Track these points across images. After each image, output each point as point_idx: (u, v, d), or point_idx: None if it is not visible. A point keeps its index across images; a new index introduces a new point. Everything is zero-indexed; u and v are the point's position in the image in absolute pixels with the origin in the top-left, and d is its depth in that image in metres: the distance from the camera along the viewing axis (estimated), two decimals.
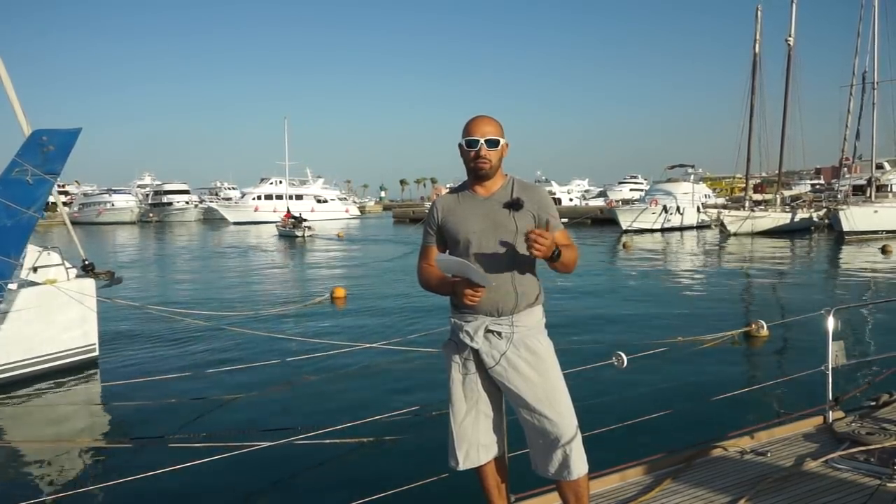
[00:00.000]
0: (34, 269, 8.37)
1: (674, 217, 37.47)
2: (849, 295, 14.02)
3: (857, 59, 32.26)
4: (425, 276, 2.67)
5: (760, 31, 35.68)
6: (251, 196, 66.48)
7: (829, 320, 3.98)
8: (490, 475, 2.74)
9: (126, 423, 6.67)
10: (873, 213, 29.65)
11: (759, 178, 42.37)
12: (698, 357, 8.06)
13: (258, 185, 68.16)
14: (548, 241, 2.34)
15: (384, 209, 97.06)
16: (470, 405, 2.62)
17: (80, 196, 76.22)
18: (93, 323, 8.74)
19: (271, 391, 7.41)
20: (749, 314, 11.83)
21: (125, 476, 3.97)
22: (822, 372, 3.99)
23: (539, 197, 2.61)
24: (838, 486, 3.11)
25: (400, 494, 3.45)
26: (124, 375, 8.15)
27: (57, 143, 7.81)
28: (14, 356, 7.94)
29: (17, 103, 8.09)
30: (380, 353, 8.51)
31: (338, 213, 68.18)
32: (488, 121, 2.59)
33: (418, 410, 5.98)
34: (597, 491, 3.13)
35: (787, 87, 34.97)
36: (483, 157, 2.53)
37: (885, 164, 35.93)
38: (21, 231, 7.65)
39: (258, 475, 5.11)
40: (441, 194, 2.82)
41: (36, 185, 7.68)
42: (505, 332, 2.52)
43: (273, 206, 62.60)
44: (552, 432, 2.51)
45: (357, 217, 72.66)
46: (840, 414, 4.05)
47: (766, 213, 33.98)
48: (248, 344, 9.63)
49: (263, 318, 11.87)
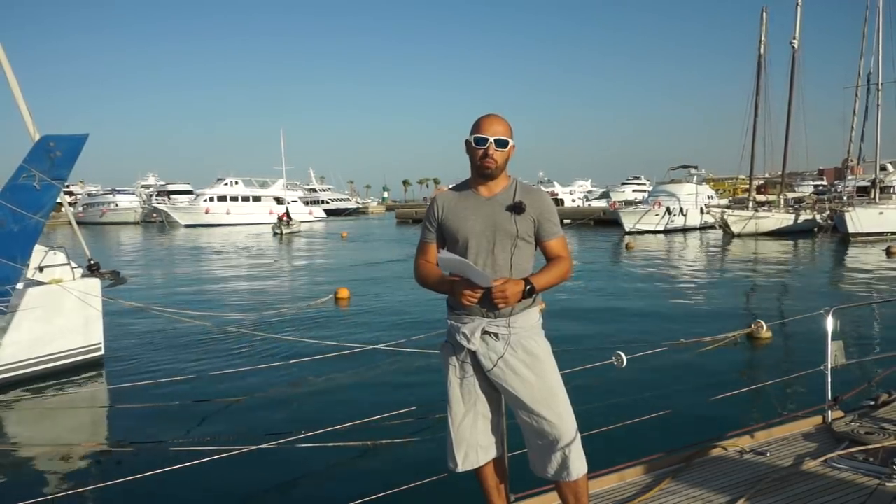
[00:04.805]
0: (40, 268, 8.41)
1: (677, 218, 37.33)
2: (852, 296, 13.98)
3: (861, 61, 32.19)
4: (423, 273, 2.66)
5: (766, 32, 35.60)
6: (203, 197, 60.61)
7: (828, 320, 4.00)
8: (489, 476, 2.74)
9: (129, 424, 6.70)
10: (878, 215, 29.56)
11: (762, 180, 42.22)
12: (698, 357, 8.06)
13: (213, 184, 62.55)
14: (508, 293, 2.38)
15: (387, 210, 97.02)
16: (468, 407, 2.63)
17: (85, 196, 76.39)
18: (98, 323, 8.78)
19: (274, 393, 7.43)
20: (751, 315, 11.81)
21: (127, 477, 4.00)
22: (822, 372, 4.00)
23: (541, 202, 2.60)
24: (837, 486, 3.12)
25: (400, 494, 3.47)
26: (128, 376, 8.19)
27: (64, 148, 7.84)
28: (20, 356, 7.99)
29: (24, 108, 8.14)
30: (383, 355, 8.51)
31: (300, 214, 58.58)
32: (499, 120, 2.56)
33: (420, 411, 6.01)
34: (596, 491, 3.14)
35: (791, 89, 34.87)
36: (490, 157, 2.51)
37: (889, 166, 35.82)
38: (28, 236, 7.68)
39: (260, 476, 5.13)
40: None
41: (43, 191, 7.71)
42: (502, 334, 2.52)
43: (226, 209, 58.80)
44: (551, 433, 2.51)
45: (322, 219, 66.99)
46: (839, 414, 4.06)
47: (770, 214, 33.86)
48: (251, 345, 9.66)
49: (267, 319, 11.89)
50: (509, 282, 2.40)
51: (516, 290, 2.39)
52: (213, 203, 59.72)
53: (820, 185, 62.01)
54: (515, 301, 2.42)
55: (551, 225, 2.59)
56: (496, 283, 2.37)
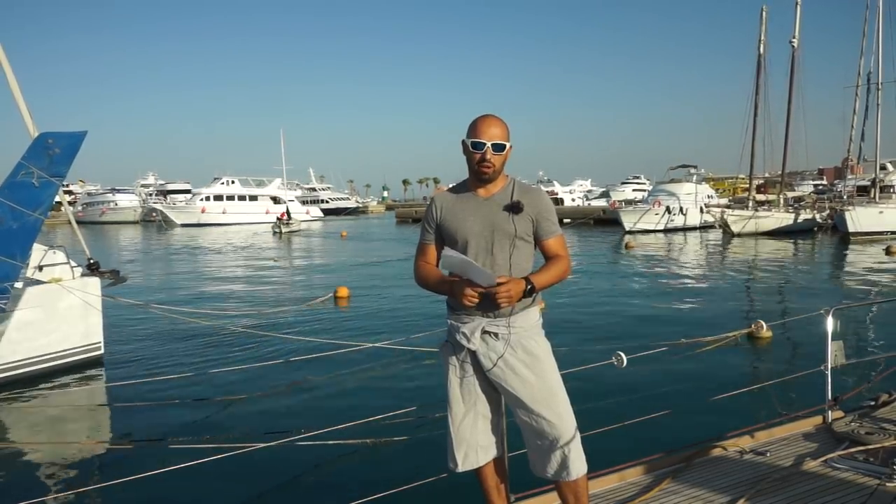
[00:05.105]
0: (39, 267, 8.41)
1: (677, 218, 37.33)
2: (852, 295, 13.98)
3: (861, 60, 32.21)
4: (423, 274, 2.66)
5: (765, 32, 35.59)
6: (200, 197, 60.66)
7: (828, 320, 3.99)
8: (489, 476, 2.74)
9: (129, 423, 6.69)
10: (878, 214, 29.57)
11: (762, 179, 42.23)
12: (698, 357, 8.06)
13: (210, 184, 62.63)
14: (511, 292, 2.36)
15: (387, 209, 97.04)
16: (468, 407, 2.62)
17: (84, 195, 76.39)
18: (97, 321, 8.78)
19: (274, 391, 7.43)
20: (751, 315, 11.80)
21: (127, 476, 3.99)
22: (822, 372, 4.00)
23: (539, 201, 2.59)
24: (838, 486, 3.11)
25: (400, 494, 3.46)
26: (128, 375, 8.18)
27: (63, 145, 7.84)
28: (19, 354, 7.99)
29: (23, 106, 8.13)
30: (382, 353, 8.51)
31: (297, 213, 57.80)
32: (496, 122, 2.53)
33: (420, 410, 6.00)
34: (596, 491, 3.14)
35: (790, 88, 34.86)
36: (487, 162, 2.49)
37: (889, 165, 35.82)
38: (27, 234, 7.68)
39: (260, 475, 5.13)
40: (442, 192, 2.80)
41: (42, 188, 7.71)
42: (502, 334, 2.52)
43: (222, 208, 58.64)
44: (550, 433, 2.51)
45: (319, 219, 67.32)
46: (839, 414, 4.05)
47: (770, 214, 33.86)
48: (251, 344, 9.66)
49: (266, 317, 11.89)
50: (511, 281, 2.40)
51: (518, 289, 2.39)
52: (210, 202, 59.55)
53: (820, 184, 62.06)
54: (516, 298, 2.41)
55: (549, 224, 2.58)
56: (500, 282, 2.36)
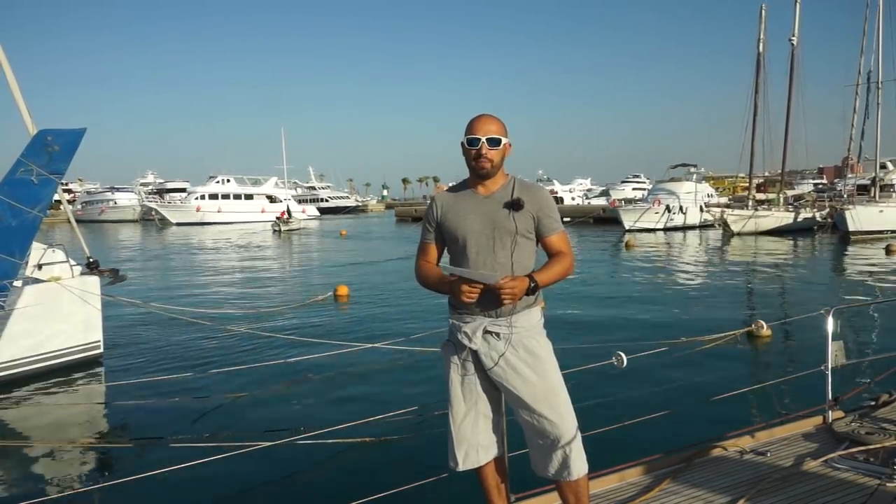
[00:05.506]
0: (38, 266, 8.40)
1: (677, 216, 37.33)
2: (853, 295, 13.98)
3: (862, 59, 32.15)
4: (423, 274, 2.66)
5: (765, 30, 35.55)
6: (195, 195, 60.62)
7: (828, 320, 3.99)
8: (490, 476, 2.74)
9: (128, 422, 6.70)
10: (878, 213, 29.55)
11: (761, 178, 42.24)
12: (698, 357, 8.05)
13: (206, 182, 62.66)
14: (516, 289, 2.36)
15: (386, 208, 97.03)
16: (469, 406, 2.62)
17: (84, 194, 76.39)
18: (97, 320, 8.77)
19: (273, 391, 7.43)
20: (751, 314, 11.81)
21: (127, 476, 3.99)
22: (822, 372, 4.00)
23: (540, 198, 2.58)
24: (838, 486, 3.11)
25: (400, 494, 3.46)
26: (127, 374, 8.18)
27: (62, 143, 7.83)
28: (18, 353, 7.98)
29: (22, 104, 8.12)
30: (382, 353, 8.49)
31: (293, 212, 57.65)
32: (491, 119, 2.54)
33: (420, 410, 6.00)
34: (596, 491, 3.14)
35: (790, 87, 34.81)
36: (484, 157, 2.49)
37: (889, 164, 35.81)
38: (26, 231, 7.68)
39: (259, 474, 5.12)
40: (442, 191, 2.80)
41: (41, 185, 7.71)
42: (503, 333, 2.51)
43: (218, 207, 58.36)
44: (552, 433, 2.51)
45: (316, 218, 66.48)
46: (840, 414, 4.05)
47: (770, 213, 33.83)
48: (251, 343, 9.65)
49: (266, 316, 11.89)
50: (516, 278, 2.40)
51: (522, 286, 2.39)
52: (205, 201, 59.25)
53: (820, 183, 62.09)
54: (520, 294, 2.40)
55: (551, 221, 2.57)
56: (504, 280, 2.36)
